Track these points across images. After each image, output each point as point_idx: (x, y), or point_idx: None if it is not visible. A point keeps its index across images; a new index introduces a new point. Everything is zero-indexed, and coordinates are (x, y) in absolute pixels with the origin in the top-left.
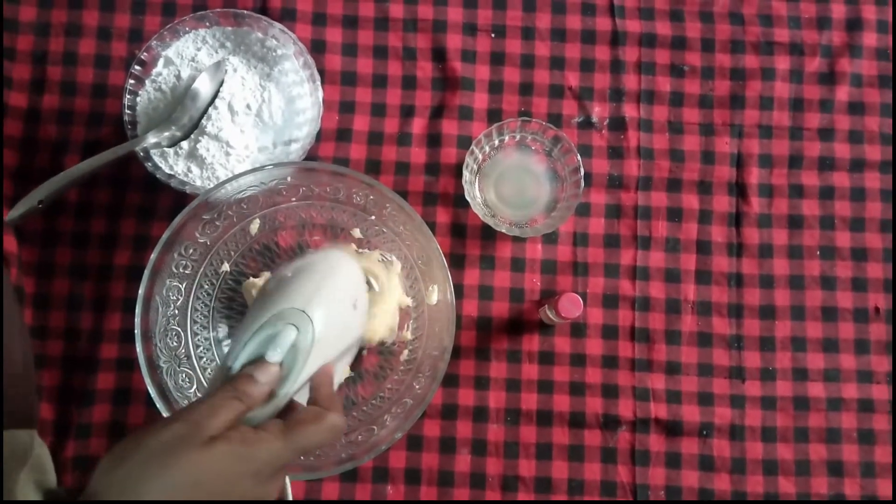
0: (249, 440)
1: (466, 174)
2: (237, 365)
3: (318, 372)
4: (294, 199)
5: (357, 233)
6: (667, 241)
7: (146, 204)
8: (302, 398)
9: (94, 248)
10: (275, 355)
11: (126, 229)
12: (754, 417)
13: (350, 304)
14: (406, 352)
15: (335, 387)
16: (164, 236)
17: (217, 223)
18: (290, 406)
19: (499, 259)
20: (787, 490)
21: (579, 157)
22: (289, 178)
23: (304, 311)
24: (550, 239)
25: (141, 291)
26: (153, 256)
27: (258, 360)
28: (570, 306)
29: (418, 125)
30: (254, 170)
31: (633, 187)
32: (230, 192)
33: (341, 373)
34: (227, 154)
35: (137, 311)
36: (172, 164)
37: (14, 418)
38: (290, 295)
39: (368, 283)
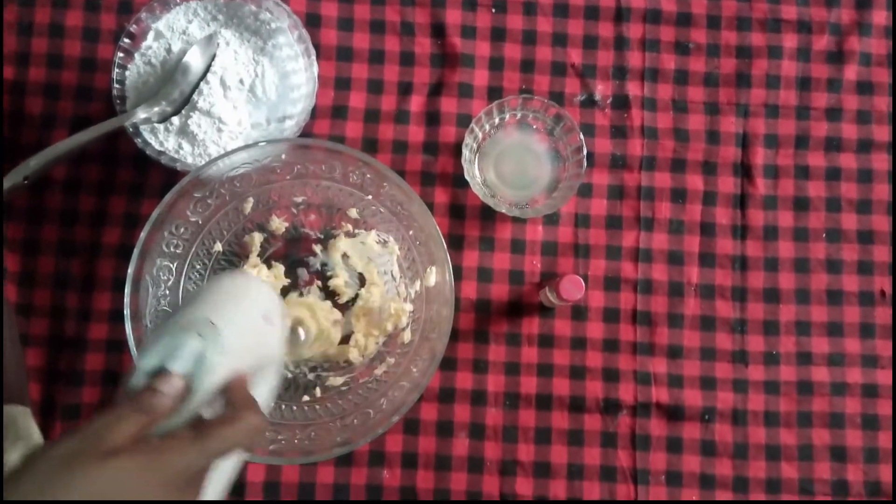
0: (156, 449)
1: (466, 153)
2: (139, 376)
3: (231, 379)
4: (288, 177)
5: (353, 213)
6: (670, 223)
7: (136, 181)
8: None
9: (83, 225)
10: (177, 365)
11: (115, 207)
12: (757, 402)
13: (259, 316)
14: (403, 334)
15: (261, 408)
16: (154, 214)
17: (209, 201)
18: (201, 419)
19: (498, 240)
20: (790, 475)
21: (582, 136)
22: (283, 156)
23: (208, 320)
24: (551, 220)
25: (130, 270)
26: (143, 235)
27: (162, 372)
28: (572, 288)
29: (416, 103)
30: (246, 146)
31: (637, 167)
32: (222, 169)
33: (265, 396)
34: (220, 130)
35: (127, 290)
36: (163, 141)
37: (3, 394)
38: (196, 305)
39: (295, 330)
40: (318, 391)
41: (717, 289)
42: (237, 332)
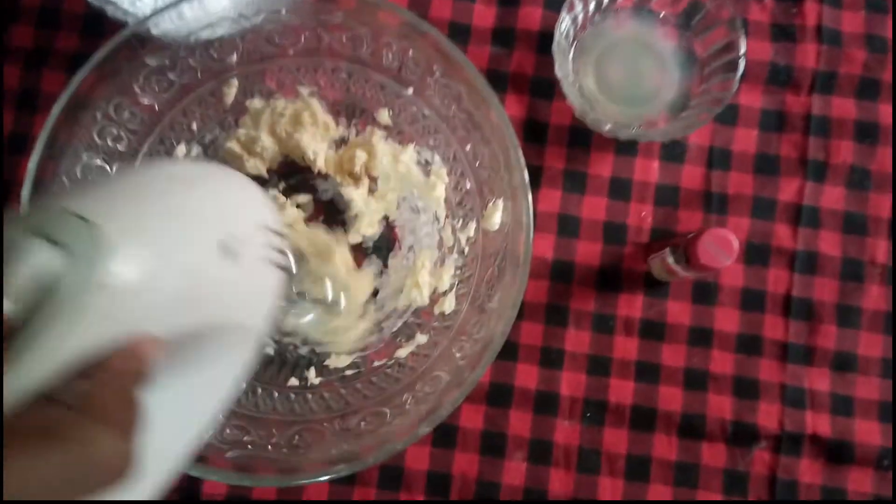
0: None
1: (559, 39)
2: None
3: (120, 348)
4: (292, 51)
5: (385, 116)
6: (851, 172)
7: (81, 52)
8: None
9: (7, 108)
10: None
11: (51, 84)
12: None
13: (213, 238)
14: (444, 301)
15: (173, 433)
16: (75, 80)
17: (170, 76)
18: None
19: (592, 178)
20: None
21: (739, 26)
22: (284, 11)
23: (91, 222)
24: (673, 153)
25: (31, 165)
26: (54, 110)
27: None
28: (717, 250)
29: None
30: None
31: (807, 87)
32: (191, 24)
33: (197, 408)
34: None
35: (24, 193)
36: None
37: None
38: (86, 192)
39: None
40: (311, 373)
41: None
42: (159, 263)
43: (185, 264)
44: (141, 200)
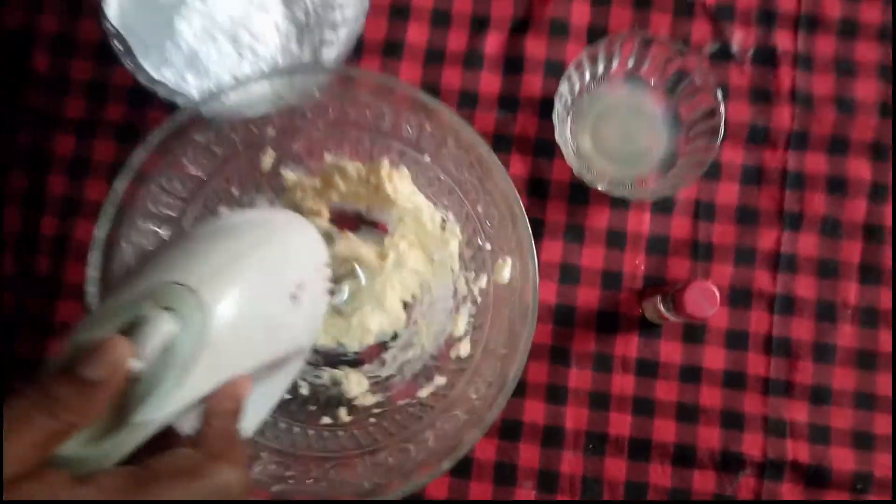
0: (59, 496)
1: (558, 107)
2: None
3: (220, 391)
4: (321, 123)
5: None
6: (824, 222)
7: (129, 122)
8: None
9: (58, 173)
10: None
11: (101, 153)
12: None
13: (285, 291)
14: (460, 346)
15: (251, 421)
16: (137, 158)
17: (215, 150)
18: (164, 440)
19: (590, 230)
20: None
21: (720, 98)
22: (316, 93)
23: (195, 291)
24: (663, 207)
25: (99, 234)
26: (119, 185)
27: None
28: (702, 301)
29: (493, 43)
30: (268, 74)
31: (783, 144)
32: (235, 106)
33: (267, 402)
34: (240, 56)
35: (93, 259)
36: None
37: None
38: (183, 262)
39: (353, 272)
40: (342, 412)
41: (881, 315)
42: (244, 317)
43: (265, 317)
44: (228, 264)
